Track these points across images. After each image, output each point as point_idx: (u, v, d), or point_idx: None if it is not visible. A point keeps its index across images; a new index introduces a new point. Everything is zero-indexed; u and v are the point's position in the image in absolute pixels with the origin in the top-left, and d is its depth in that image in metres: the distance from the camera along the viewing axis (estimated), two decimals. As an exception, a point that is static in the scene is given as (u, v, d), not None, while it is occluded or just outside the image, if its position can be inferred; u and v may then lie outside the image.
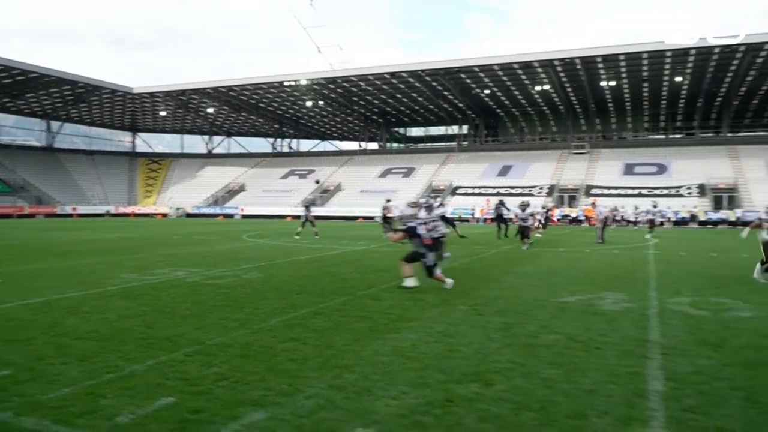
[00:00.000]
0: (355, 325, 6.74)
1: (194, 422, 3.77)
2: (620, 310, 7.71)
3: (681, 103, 56.44)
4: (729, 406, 4.09)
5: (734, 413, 3.96)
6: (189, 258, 14.43)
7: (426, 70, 49.61)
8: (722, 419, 3.83)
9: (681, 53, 42.99)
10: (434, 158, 59.46)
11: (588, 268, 12.66)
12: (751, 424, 3.78)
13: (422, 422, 3.79)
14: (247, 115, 66.65)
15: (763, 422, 3.81)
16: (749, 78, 47.24)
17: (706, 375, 4.82)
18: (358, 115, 65.56)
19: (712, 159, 49.16)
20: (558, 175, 51.48)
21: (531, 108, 60.48)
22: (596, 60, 45.46)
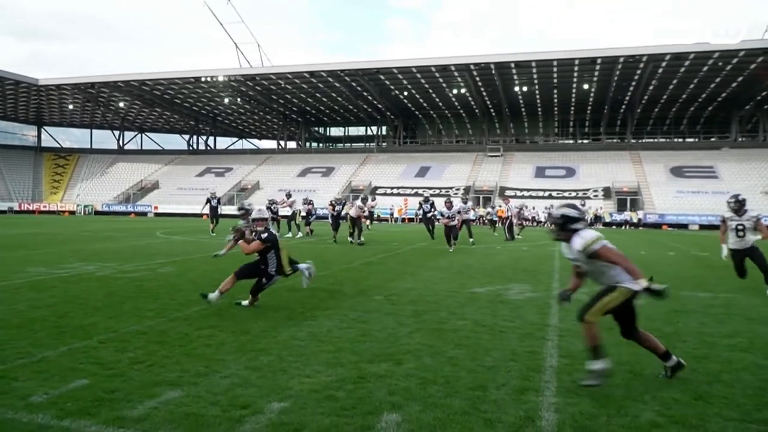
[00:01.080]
0: (272, 313, 6.86)
1: (110, 401, 3.81)
2: (524, 299, 8.22)
3: (589, 110, 59.50)
4: (614, 377, 4.54)
5: (618, 382, 4.40)
6: (100, 253, 13.96)
7: (345, 71, 49.83)
8: (607, 388, 4.26)
9: (588, 62, 45.41)
10: (353, 158, 59.79)
11: (498, 263, 13.27)
12: (632, 390, 4.23)
13: (335, 396, 4.00)
14: (161, 110, 64.50)
15: (641, 388, 4.26)
16: (651, 87, 50.47)
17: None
18: (277, 114, 64.90)
19: (616, 163, 52.20)
20: (474, 177, 53.00)
21: (448, 111, 61.96)
22: (510, 66, 47.17)
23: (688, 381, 4.39)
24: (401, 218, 44.69)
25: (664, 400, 3.94)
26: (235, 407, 3.73)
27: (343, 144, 71.76)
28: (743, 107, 53.40)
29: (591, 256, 4.28)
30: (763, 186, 44.73)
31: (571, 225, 4.42)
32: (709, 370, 4.73)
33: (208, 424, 3.46)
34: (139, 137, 72.35)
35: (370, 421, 3.54)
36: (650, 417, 3.65)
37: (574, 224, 4.41)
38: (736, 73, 45.69)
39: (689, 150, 53.79)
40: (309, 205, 21.79)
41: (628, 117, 57.40)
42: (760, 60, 42.64)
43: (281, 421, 3.53)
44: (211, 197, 22.94)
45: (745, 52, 41.82)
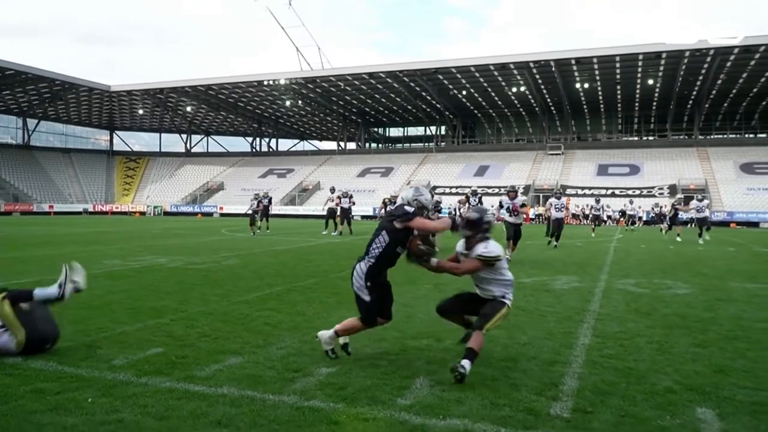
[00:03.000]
0: (326, 299, 7.37)
1: (181, 364, 4.36)
2: (569, 288, 8.43)
3: (654, 106, 57.87)
4: (642, 354, 4.79)
5: (644, 358, 4.65)
6: (169, 248, 14.90)
7: (404, 71, 50.31)
8: (633, 362, 4.52)
9: (653, 56, 44.23)
10: (412, 158, 60.21)
11: (548, 257, 13.41)
12: (656, 364, 4.47)
13: (377, 363, 4.43)
14: (226, 114, 66.83)
15: (665, 362, 4.50)
16: (719, 82, 48.68)
17: (629, 333, 5.53)
18: (336, 115, 66.10)
19: (683, 160, 50.59)
20: (534, 175, 52.47)
21: (507, 109, 61.52)
22: (570, 63, 46.53)
23: (714, 357, 4.60)
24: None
25: (685, 372, 4.18)
26: (288, 371, 4.22)
27: (402, 144, 72.31)
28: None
29: (489, 265, 4.40)
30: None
31: (484, 232, 4.53)
32: (736, 348, 4.91)
33: (265, 382, 3.95)
34: (205, 140, 75.15)
35: (406, 383, 3.95)
36: (667, 384, 3.91)
37: (486, 232, 4.53)
38: (811, 65, 43.52)
39: (760, 146, 51.48)
40: (264, 201, 22.45)
41: (695, 112, 55.46)
42: (839, 50, 40.51)
43: (328, 381, 3.98)
44: (263, 197, 23.81)
45: (822, 42, 39.85)
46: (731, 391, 3.79)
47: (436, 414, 3.40)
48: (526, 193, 48.64)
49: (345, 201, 21.09)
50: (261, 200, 23.30)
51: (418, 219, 4.46)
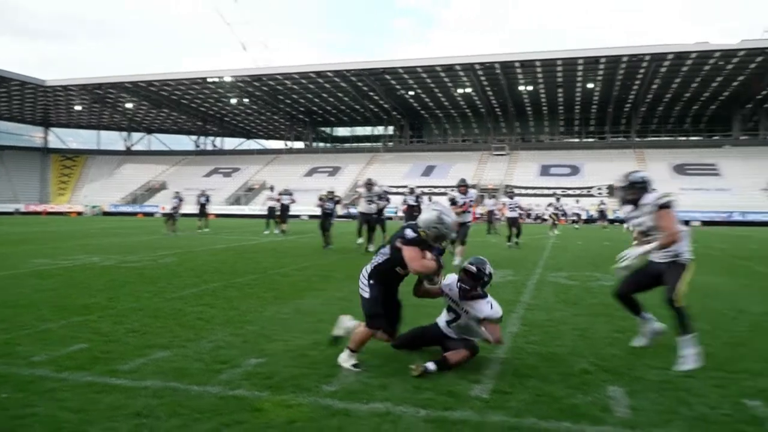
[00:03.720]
0: (263, 294, 7.33)
1: (105, 359, 4.27)
2: (504, 281, 8.65)
3: (593, 109, 59.68)
4: (564, 339, 4.98)
5: (566, 343, 4.84)
6: (105, 247, 14.48)
7: (351, 71, 50.30)
8: (555, 348, 4.70)
9: (592, 61, 45.68)
10: (360, 158, 60.23)
11: (489, 254, 13.67)
12: (577, 348, 4.66)
13: (307, 354, 4.45)
14: (169, 111, 65.22)
15: (585, 347, 4.69)
16: (654, 86, 50.65)
17: (555, 321, 5.74)
18: (284, 114, 65.47)
19: (621, 161, 52.24)
20: (479, 175, 53.26)
21: (454, 110, 62.30)
22: (514, 65, 47.53)
23: (631, 341, 4.83)
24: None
25: (602, 355, 4.38)
26: (216, 362, 4.19)
27: (350, 144, 72.27)
28: (744, 106, 53.42)
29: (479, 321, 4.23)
30: (763, 183, 44.84)
31: (483, 286, 4.32)
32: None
33: (191, 374, 3.91)
34: (146, 138, 73.16)
35: (334, 371, 3.99)
36: (584, 366, 4.09)
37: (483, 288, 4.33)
38: (737, 73, 45.84)
39: (692, 148, 53.83)
40: (201, 200, 22.44)
41: (632, 115, 57.55)
42: (760, 60, 42.81)
43: (256, 371, 3.98)
44: (200, 195, 23.61)
45: (745, 52, 42.02)
46: (642, 371, 3.99)
47: (360, 399, 3.46)
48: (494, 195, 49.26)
49: (286, 198, 20.84)
50: (199, 199, 22.97)
51: (410, 251, 4.04)
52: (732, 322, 5.84)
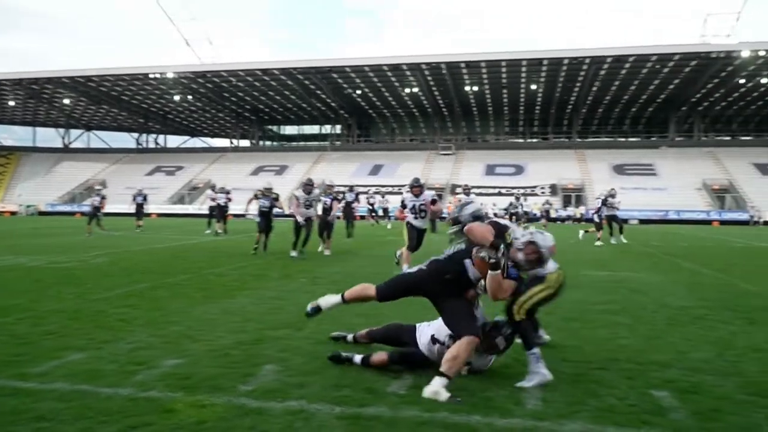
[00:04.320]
0: (193, 294, 7.17)
1: (16, 362, 4.09)
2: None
3: (537, 110, 61.02)
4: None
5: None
6: (35, 247, 13.90)
7: (298, 69, 49.91)
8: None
9: (535, 63, 46.66)
10: (307, 157, 59.83)
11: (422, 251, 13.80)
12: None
13: (229, 353, 4.37)
14: (109, 108, 63.16)
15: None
16: (594, 89, 52.17)
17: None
18: (229, 112, 64.38)
19: (563, 161, 53.70)
20: (426, 174, 53.62)
21: (402, 109, 62.60)
22: (460, 66, 48.09)
23: (551, 336, 4.94)
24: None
25: (521, 350, 4.46)
26: (132, 364, 4.07)
27: (298, 142, 71.70)
28: (680, 108, 55.63)
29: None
30: (697, 183, 46.89)
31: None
32: (571, 327, 5.36)
33: (103, 376, 3.79)
34: (85, 135, 70.69)
35: (253, 371, 3.93)
36: (503, 361, 4.15)
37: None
38: (673, 76, 47.73)
39: (631, 149, 55.81)
40: (138, 199, 22.08)
41: (574, 117, 59.11)
42: (693, 64, 44.70)
43: (172, 372, 3.88)
44: (137, 194, 22.99)
45: (680, 56, 43.78)
46: (558, 364, 4.09)
47: (276, 397, 3.42)
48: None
49: (221, 197, 20.33)
50: (135, 198, 22.39)
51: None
52: (652, 316, 6.06)
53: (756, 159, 49.72)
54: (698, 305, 6.68)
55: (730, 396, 3.55)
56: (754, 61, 43.24)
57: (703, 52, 43.39)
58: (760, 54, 41.92)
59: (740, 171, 48.35)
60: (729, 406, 3.36)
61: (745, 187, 45.97)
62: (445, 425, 3.06)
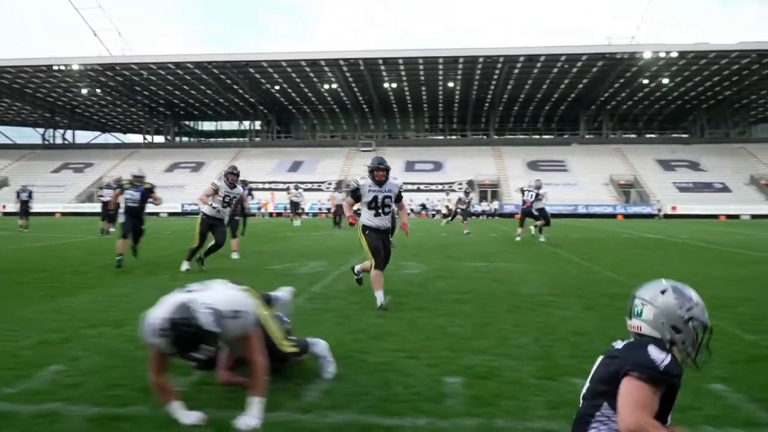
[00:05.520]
0: (32, 293, 6.70)
1: None
2: (309, 272, 8.61)
3: (455, 107, 62.03)
4: (324, 326, 4.94)
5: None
6: None
7: (213, 63, 48.61)
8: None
9: (451, 61, 47.35)
10: (225, 153, 58.46)
11: (319, 247, 13.67)
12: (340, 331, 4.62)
13: (20, 354, 4.05)
14: (11, 101, 59.46)
15: (360, 312, 4.68)
16: (509, 87, 53.52)
17: (341, 299, 5.71)
18: (142, 107, 61.95)
19: (480, 158, 54.86)
20: (346, 171, 53.56)
21: (321, 106, 62.19)
22: (378, 62, 48.21)
23: (391, 323, 4.89)
24: (269, 213, 44.41)
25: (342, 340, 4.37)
26: None
27: (216, 138, 69.94)
28: (589, 107, 58.04)
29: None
30: (605, 178, 49.04)
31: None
32: (415, 317, 5.29)
33: None
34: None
35: (33, 372, 3.64)
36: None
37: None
38: (581, 76, 49.62)
39: (544, 146, 57.69)
40: (23, 195, 20.88)
41: (490, 114, 60.47)
42: (600, 64, 46.65)
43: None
44: (21, 191, 21.48)
45: (587, 57, 45.57)
46: (370, 354, 4.00)
47: (36, 400, 3.18)
48: (339, 189, 49.44)
49: (106, 193, 19.35)
50: (19, 195, 20.98)
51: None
52: (496, 303, 6.13)
53: (659, 156, 52.50)
54: (549, 292, 6.83)
55: (521, 380, 3.56)
56: (656, 62, 45.58)
57: (608, 53, 45.33)
58: (661, 55, 44.23)
59: (645, 167, 50.88)
60: (512, 391, 3.36)
61: (649, 182, 48.40)
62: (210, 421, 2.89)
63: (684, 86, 51.62)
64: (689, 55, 44.02)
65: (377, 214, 6.36)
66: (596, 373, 2.15)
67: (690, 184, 47.42)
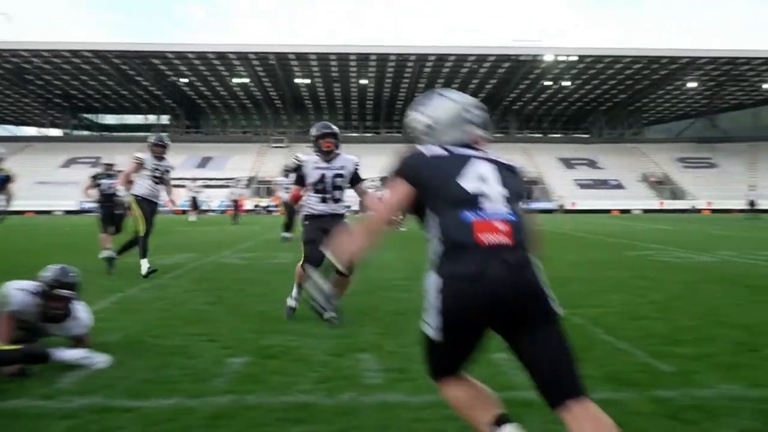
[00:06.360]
0: None
1: None
2: (168, 263, 8.30)
3: (369, 104, 62.26)
4: (149, 314, 4.69)
5: (151, 318, 4.55)
6: None
7: (114, 52, 46.35)
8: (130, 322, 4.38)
9: (363, 58, 47.41)
10: (128, 148, 55.05)
11: (199, 240, 13.36)
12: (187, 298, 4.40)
13: None
14: None
15: (190, 299, 4.46)
16: (421, 85, 54.21)
17: (178, 287, 5.47)
18: (36, 97, 58.19)
19: (393, 155, 55.31)
20: (258, 168, 52.67)
21: (232, 100, 60.76)
22: (289, 57, 47.58)
23: (212, 312, 4.72)
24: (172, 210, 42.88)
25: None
26: None
27: (120, 133, 66.83)
28: (498, 107, 59.78)
29: None
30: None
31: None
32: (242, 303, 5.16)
33: None
34: None
35: None
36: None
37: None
38: (489, 76, 51.11)
39: (455, 144, 58.87)
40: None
41: (404, 112, 61.00)
42: (507, 65, 48.15)
43: None
44: None
45: (494, 58, 46.90)
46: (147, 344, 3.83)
47: None
48: (249, 186, 48.62)
49: None
50: None
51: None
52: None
53: (561, 154, 54.87)
54: (404, 277, 6.87)
55: (309, 358, 3.51)
56: (557, 65, 47.53)
57: (513, 55, 46.83)
58: (561, 59, 46.15)
59: (548, 165, 53.01)
60: (293, 368, 3.31)
61: (551, 179, 50.44)
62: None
63: (584, 89, 54.19)
64: (587, 59, 46.20)
65: (324, 200, 5.02)
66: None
67: (589, 181, 49.85)
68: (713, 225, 20.92)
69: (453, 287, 1.87)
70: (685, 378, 3.10)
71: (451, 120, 2.22)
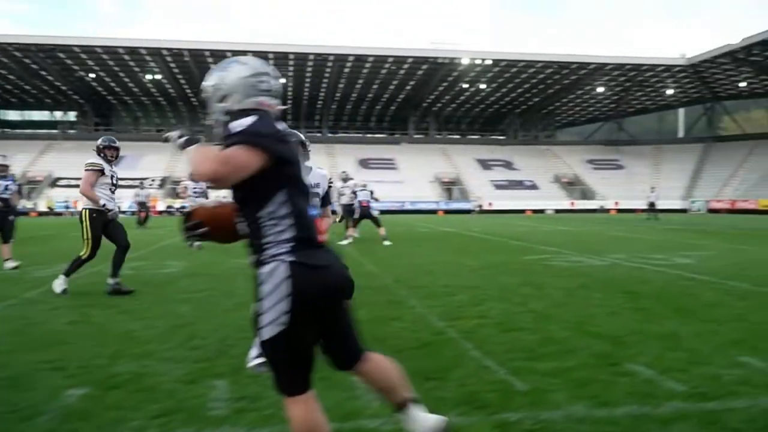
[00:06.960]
0: None
1: None
2: (47, 275, 7.78)
3: (288, 104, 61.41)
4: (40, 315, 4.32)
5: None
6: None
7: (14, 45, 43.55)
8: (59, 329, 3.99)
9: (281, 56, 46.71)
10: (32, 146, 52.78)
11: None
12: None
13: None
14: None
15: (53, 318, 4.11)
16: (341, 85, 54.08)
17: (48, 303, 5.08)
18: (-74, 90, 54.07)
19: (313, 156, 54.32)
20: (172, 168, 50.95)
21: (145, 97, 58.51)
22: (204, 54, 46.25)
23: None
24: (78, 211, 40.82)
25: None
26: None
27: (22, 130, 62.88)
28: (417, 108, 60.55)
29: None
30: (430, 176, 51.43)
31: None
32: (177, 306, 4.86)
33: None
34: None
35: None
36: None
37: None
38: (408, 78, 51.61)
39: (376, 144, 59.25)
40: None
41: (324, 112, 60.83)
42: (425, 68, 48.76)
43: None
44: None
45: (412, 60, 47.38)
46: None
47: None
48: (163, 186, 46.97)
49: None
50: None
51: None
52: (217, 302, 5.88)
53: (479, 155, 56.19)
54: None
55: (157, 386, 3.29)
56: (473, 68, 48.57)
57: (431, 57, 47.50)
58: (477, 62, 47.20)
59: (466, 166, 54.17)
60: (132, 400, 3.07)
61: (469, 180, 51.56)
62: None
63: (500, 92, 55.74)
64: (502, 63, 47.49)
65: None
66: None
67: (505, 182, 51.31)
68: (615, 226, 21.95)
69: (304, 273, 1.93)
70: (537, 397, 3.08)
71: (241, 84, 2.09)
